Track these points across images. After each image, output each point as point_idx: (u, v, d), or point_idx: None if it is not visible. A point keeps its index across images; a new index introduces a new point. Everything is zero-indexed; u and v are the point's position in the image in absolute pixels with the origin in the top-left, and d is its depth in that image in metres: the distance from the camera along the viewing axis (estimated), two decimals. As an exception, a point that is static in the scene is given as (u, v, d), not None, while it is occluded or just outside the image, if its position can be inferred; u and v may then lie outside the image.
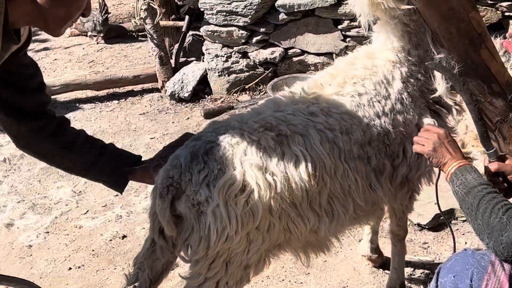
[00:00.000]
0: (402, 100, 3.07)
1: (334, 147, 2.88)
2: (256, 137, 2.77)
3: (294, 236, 2.90)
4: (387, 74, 3.08)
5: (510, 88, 2.90)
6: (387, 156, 3.07)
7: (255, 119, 2.88)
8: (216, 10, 6.82)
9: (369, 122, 3.00)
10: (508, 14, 6.19)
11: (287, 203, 2.76)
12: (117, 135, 6.57)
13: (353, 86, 3.06)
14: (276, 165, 2.74)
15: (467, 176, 2.49)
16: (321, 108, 2.96)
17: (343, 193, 2.93)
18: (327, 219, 2.92)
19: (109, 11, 9.57)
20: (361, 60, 3.19)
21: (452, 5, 2.76)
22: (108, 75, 7.54)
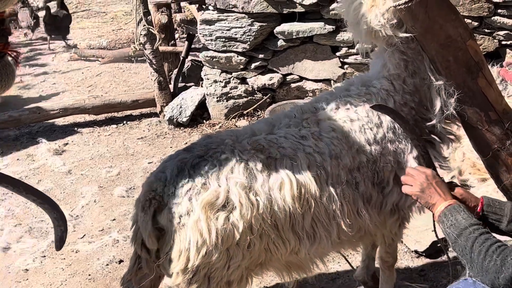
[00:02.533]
0: (394, 129, 3.07)
1: (321, 171, 2.91)
2: (246, 157, 2.81)
3: (275, 257, 2.92)
4: (380, 102, 3.09)
5: (507, 116, 2.92)
6: (375, 184, 3.07)
7: (248, 140, 2.91)
8: (215, 36, 6.87)
9: (359, 148, 3.00)
10: (505, 43, 6.24)
11: (268, 224, 2.80)
12: (115, 160, 6.57)
13: (346, 112, 3.07)
14: (261, 186, 2.78)
15: (457, 216, 2.50)
16: (312, 132, 2.99)
17: (327, 217, 2.94)
18: (307, 242, 2.94)
19: (108, 36, 9.65)
20: (356, 87, 3.20)
21: (450, 34, 2.78)
22: (107, 100, 7.57)
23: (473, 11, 6.10)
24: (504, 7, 6.05)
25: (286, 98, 7.04)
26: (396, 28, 2.89)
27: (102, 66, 9.44)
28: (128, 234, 5.10)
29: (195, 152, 2.84)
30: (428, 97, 3.04)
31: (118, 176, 6.18)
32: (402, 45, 2.98)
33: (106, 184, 6.03)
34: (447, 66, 2.87)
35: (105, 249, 4.93)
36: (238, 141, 2.91)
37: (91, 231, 5.22)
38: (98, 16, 11.94)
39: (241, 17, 6.72)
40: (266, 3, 6.56)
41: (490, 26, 6.22)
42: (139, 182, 5.97)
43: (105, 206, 5.60)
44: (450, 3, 2.84)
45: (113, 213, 5.45)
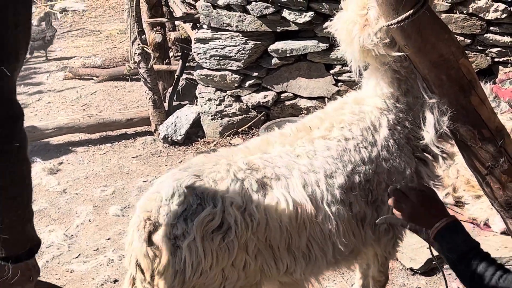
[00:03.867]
0: (389, 147, 3.08)
1: (316, 190, 2.91)
2: (241, 177, 2.81)
3: (270, 277, 2.91)
4: (374, 120, 3.10)
5: (500, 134, 2.93)
6: (369, 203, 3.07)
7: (243, 159, 2.92)
8: (210, 55, 6.89)
9: (354, 168, 3.01)
10: (497, 60, 6.28)
11: (263, 244, 2.79)
12: (109, 178, 6.57)
13: (340, 130, 3.08)
14: (256, 206, 2.77)
15: (454, 238, 2.42)
16: (307, 150, 3.00)
17: (323, 237, 2.93)
18: (303, 262, 2.93)
19: (103, 55, 9.67)
20: (349, 106, 3.21)
21: (442, 53, 2.80)
22: (102, 119, 7.57)
23: (466, 28, 6.15)
24: (497, 24, 6.10)
25: (280, 115, 7.06)
26: (389, 47, 2.90)
27: (96, 85, 9.45)
28: (123, 254, 5.08)
29: (191, 172, 2.84)
30: (421, 115, 3.05)
31: (113, 195, 6.17)
32: (395, 63, 3.00)
33: (101, 203, 6.02)
34: (440, 85, 2.88)
35: (100, 268, 4.91)
36: (233, 160, 2.92)
37: (86, 251, 5.21)
38: (93, 34, 11.97)
39: (235, 36, 6.76)
40: (260, 22, 6.60)
41: (483, 44, 6.26)
42: (134, 201, 5.96)
43: (100, 226, 5.59)
44: (442, 22, 2.86)
45: (108, 233, 5.44)
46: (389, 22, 2.77)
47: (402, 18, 2.69)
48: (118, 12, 13.01)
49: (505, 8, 5.93)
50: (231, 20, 6.66)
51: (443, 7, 6.13)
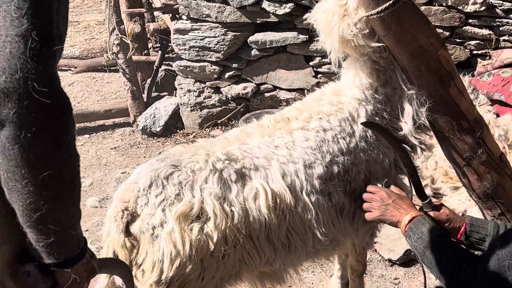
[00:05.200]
0: (367, 138, 3.09)
1: (295, 180, 2.91)
2: (220, 167, 2.79)
3: (249, 267, 2.91)
4: (352, 111, 3.10)
5: (478, 125, 2.95)
6: (347, 193, 3.08)
7: (222, 150, 2.90)
8: (189, 46, 6.86)
9: (332, 158, 3.01)
10: (476, 53, 6.31)
11: (243, 234, 2.78)
12: (87, 170, 6.52)
13: (319, 121, 3.08)
14: (236, 196, 2.76)
15: (422, 229, 2.50)
16: (286, 141, 3.00)
17: (303, 227, 2.93)
18: (283, 252, 2.94)
19: (81, 46, 9.59)
20: (328, 96, 3.21)
21: (422, 44, 2.80)
22: (79, 110, 7.51)
23: (445, 21, 6.17)
24: (475, 17, 6.12)
25: (260, 107, 7.06)
26: (368, 37, 2.90)
27: (74, 76, 9.37)
28: (101, 245, 5.05)
29: (169, 162, 2.82)
30: (400, 106, 3.06)
31: (91, 187, 6.13)
32: (374, 54, 3.00)
33: (78, 194, 5.96)
34: (419, 76, 2.89)
35: (77, 260, 4.87)
36: (212, 150, 2.90)
37: (63, 242, 5.16)
38: (71, 25, 11.84)
39: (215, 27, 6.73)
40: (240, 13, 6.57)
41: (462, 36, 6.29)
42: (112, 193, 5.92)
43: (78, 217, 5.54)
44: (422, 13, 2.86)
45: (86, 224, 5.40)
46: (369, 13, 2.77)
47: (382, 8, 2.69)
48: (97, 2, 12.91)
49: (483, 1, 5.96)
50: (211, 11, 6.63)
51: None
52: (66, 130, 1.78)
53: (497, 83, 5.70)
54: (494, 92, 5.70)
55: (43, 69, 1.66)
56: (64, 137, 1.78)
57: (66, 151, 1.82)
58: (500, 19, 6.06)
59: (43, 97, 1.66)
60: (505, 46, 6.15)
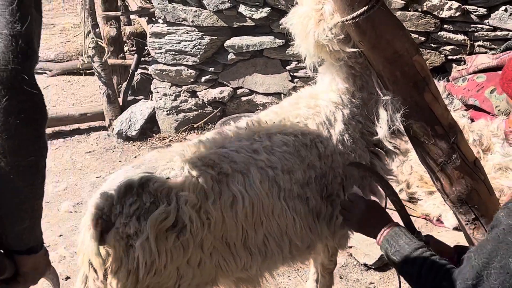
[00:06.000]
0: (343, 141, 3.09)
1: (274, 186, 2.89)
2: (196, 174, 2.75)
3: (225, 273, 2.89)
4: (329, 115, 3.10)
5: (453, 130, 2.96)
6: (324, 197, 3.07)
7: (198, 155, 2.86)
8: (165, 50, 6.83)
9: (310, 162, 3.00)
10: (451, 58, 6.36)
11: (219, 242, 2.76)
12: (62, 174, 6.45)
13: (297, 125, 3.07)
14: (212, 204, 2.72)
15: (399, 241, 2.47)
16: (264, 145, 2.97)
17: (279, 232, 2.92)
18: (259, 258, 2.91)
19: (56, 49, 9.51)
20: (305, 100, 3.20)
21: (396, 49, 2.81)
22: (54, 113, 7.43)
23: (420, 26, 6.21)
24: (450, 22, 6.18)
25: (236, 111, 7.04)
26: (344, 43, 2.91)
27: (49, 79, 9.27)
28: (75, 251, 5.00)
29: (143, 168, 2.78)
30: (375, 111, 3.06)
31: (66, 191, 6.07)
32: (350, 59, 3.00)
33: (52, 199, 5.91)
34: (394, 81, 2.90)
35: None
36: (187, 156, 2.87)
37: (37, 248, 5.10)
38: (46, 28, 11.73)
39: (191, 31, 6.71)
40: (216, 17, 6.57)
41: (437, 41, 6.34)
42: (87, 197, 5.87)
43: (52, 222, 5.49)
44: (397, 19, 2.88)
45: (60, 229, 5.35)
46: (344, 18, 2.77)
47: (357, 14, 2.70)
48: (73, 5, 12.80)
49: (458, 7, 6.02)
50: (187, 15, 6.62)
51: (398, 4, 6.19)
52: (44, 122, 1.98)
53: (471, 88, 5.76)
54: (469, 97, 5.75)
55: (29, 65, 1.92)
56: (42, 128, 1.97)
57: (43, 142, 1.99)
58: (475, 24, 6.13)
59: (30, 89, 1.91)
60: (479, 52, 6.22)
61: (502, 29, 6.09)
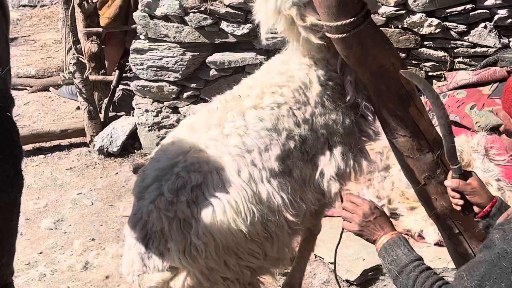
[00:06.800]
0: (323, 102, 3.00)
1: (253, 171, 2.81)
2: (171, 214, 2.74)
3: (258, 263, 2.93)
4: (303, 78, 3.00)
5: (437, 145, 2.97)
6: (307, 161, 2.98)
7: (169, 181, 2.80)
8: (147, 66, 6.81)
9: (288, 134, 2.91)
10: (431, 74, 6.39)
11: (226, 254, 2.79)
12: (42, 191, 6.39)
13: (272, 96, 2.97)
14: (196, 236, 2.72)
15: (397, 251, 2.47)
16: (238, 126, 2.88)
17: (273, 215, 2.85)
18: (269, 244, 2.89)
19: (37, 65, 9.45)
20: (277, 68, 3.11)
21: (382, 64, 2.81)
22: (35, 129, 7.37)
23: (400, 42, 6.25)
24: (431, 39, 6.22)
25: (218, 127, 7.01)
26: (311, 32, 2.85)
27: (30, 95, 9.18)
28: (55, 268, 4.96)
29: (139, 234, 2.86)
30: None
31: (46, 208, 6.01)
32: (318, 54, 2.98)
33: (33, 216, 5.85)
34: (380, 95, 2.90)
35: (31, 283, 4.77)
36: (159, 188, 2.83)
37: (16, 265, 4.99)
38: (27, 44, 11.68)
39: (173, 47, 6.69)
40: (198, 33, 6.56)
41: (417, 58, 6.37)
42: (67, 214, 5.84)
43: (32, 239, 5.43)
44: (383, 34, 2.89)
45: (40, 246, 5.30)
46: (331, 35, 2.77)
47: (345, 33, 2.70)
48: (54, 21, 12.75)
49: (438, 23, 6.06)
50: (169, 31, 6.61)
51: (379, 21, 6.22)
52: (22, 157, 2.03)
53: (452, 104, 5.79)
54: (449, 113, 5.78)
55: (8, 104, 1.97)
56: (20, 164, 2.03)
57: (21, 177, 2.05)
58: (455, 41, 6.17)
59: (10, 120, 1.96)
60: (459, 68, 6.26)
61: (481, 45, 6.14)
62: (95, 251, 5.22)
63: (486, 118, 5.54)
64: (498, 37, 6.10)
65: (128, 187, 6.34)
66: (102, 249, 5.26)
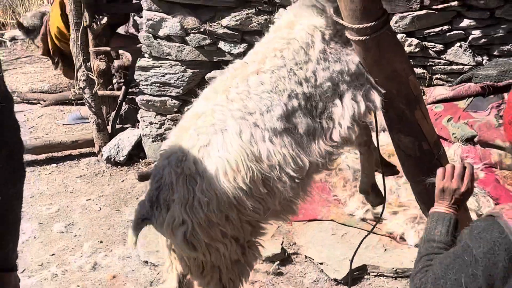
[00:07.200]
0: (326, 56, 2.94)
1: (256, 131, 2.80)
2: (179, 169, 2.81)
3: (259, 218, 2.95)
4: (305, 38, 2.95)
5: (437, 147, 3.01)
6: (316, 116, 2.92)
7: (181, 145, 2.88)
8: (151, 82, 6.84)
9: (290, 94, 2.87)
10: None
11: (229, 208, 2.82)
12: (54, 197, 6.40)
13: (272, 60, 2.93)
14: (201, 191, 2.77)
15: (437, 226, 2.43)
16: (240, 91, 2.88)
17: (275, 171, 2.83)
18: (271, 199, 2.89)
19: (50, 81, 9.47)
20: (280, 32, 3.06)
21: (395, 68, 2.84)
22: (47, 140, 7.39)
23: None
24: (411, 57, 6.17)
25: (216, 138, 7.03)
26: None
27: (43, 109, 9.21)
28: (66, 269, 4.96)
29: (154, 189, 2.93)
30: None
31: (58, 213, 6.02)
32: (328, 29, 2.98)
33: (45, 220, 5.86)
34: (390, 98, 2.92)
35: (44, 283, 4.78)
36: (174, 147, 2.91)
37: (30, 266, 5.05)
38: (41, 62, 11.69)
39: (175, 64, 6.73)
40: (198, 52, 6.60)
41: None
42: (77, 218, 5.85)
43: (45, 242, 5.44)
44: (398, 40, 2.92)
45: (52, 248, 5.31)
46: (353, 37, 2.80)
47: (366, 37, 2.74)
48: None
49: (418, 43, 6.10)
50: (171, 50, 6.64)
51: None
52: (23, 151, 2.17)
53: (430, 117, 5.82)
54: (428, 125, 5.81)
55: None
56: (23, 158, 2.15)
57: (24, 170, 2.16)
58: (433, 59, 6.22)
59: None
60: (437, 84, 6.30)
61: (457, 63, 6.19)
62: (103, 253, 5.23)
63: (461, 129, 5.58)
64: (473, 56, 6.16)
65: (134, 193, 6.36)
66: (110, 251, 5.27)
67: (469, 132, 5.53)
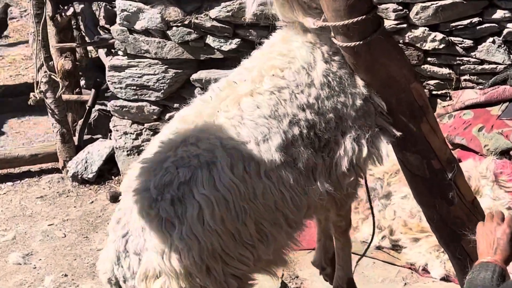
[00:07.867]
0: (329, 83, 2.94)
1: (250, 164, 2.76)
2: (155, 212, 2.74)
3: (246, 270, 2.91)
4: (306, 56, 2.96)
5: (450, 166, 2.97)
6: (318, 149, 2.92)
7: (156, 171, 2.82)
8: (126, 84, 6.82)
9: (291, 119, 2.85)
10: (435, 93, 6.40)
11: (212, 258, 2.76)
12: (10, 222, 6.36)
13: (271, 80, 2.92)
14: (179, 238, 2.70)
15: (481, 273, 2.47)
16: (232, 116, 2.84)
17: (270, 213, 2.81)
18: (263, 246, 2.85)
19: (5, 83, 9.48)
20: (277, 47, 3.07)
21: (393, 74, 2.82)
22: (2, 154, 7.35)
23: (402, 59, 6.29)
24: (434, 55, 6.23)
25: (203, 151, 7.03)
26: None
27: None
28: (24, 306, 4.94)
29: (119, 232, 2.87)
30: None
31: (14, 241, 5.99)
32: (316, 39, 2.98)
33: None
34: (389, 109, 2.90)
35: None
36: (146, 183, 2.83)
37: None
38: (-6, 60, 11.74)
39: (154, 63, 6.71)
40: (182, 49, 6.59)
41: (420, 75, 6.34)
42: (38, 247, 5.81)
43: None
44: (395, 42, 2.90)
45: (7, 283, 5.27)
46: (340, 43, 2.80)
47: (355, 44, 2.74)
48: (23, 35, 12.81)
49: (443, 38, 6.09)
50: (150, 46, 6.64)
51: (378, 36, 6.27)
52: None
53: (458, 126, 5.82)
54: (455, 135, 5.81)
55: None
56: None
57: None
58: (461, 57, 6.20)
59: None
60: (466, 86, 6.28)
61: (489, 62, 6.17)
62: (68, 289, 5.22)
63: (495, 141, 5.57)
64: (508, 53, 6.14)
65: (104, 217, 6.34)
66: (76, 286, 5.25)
67: (504, 144, 5.52)
